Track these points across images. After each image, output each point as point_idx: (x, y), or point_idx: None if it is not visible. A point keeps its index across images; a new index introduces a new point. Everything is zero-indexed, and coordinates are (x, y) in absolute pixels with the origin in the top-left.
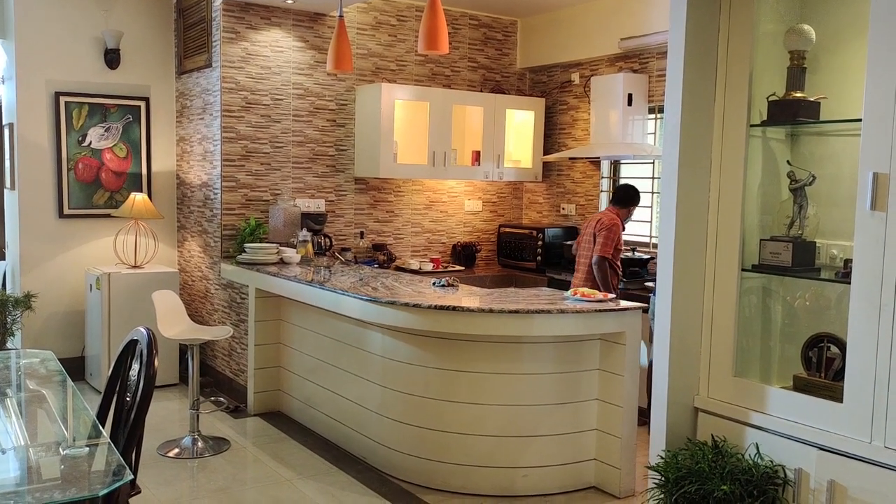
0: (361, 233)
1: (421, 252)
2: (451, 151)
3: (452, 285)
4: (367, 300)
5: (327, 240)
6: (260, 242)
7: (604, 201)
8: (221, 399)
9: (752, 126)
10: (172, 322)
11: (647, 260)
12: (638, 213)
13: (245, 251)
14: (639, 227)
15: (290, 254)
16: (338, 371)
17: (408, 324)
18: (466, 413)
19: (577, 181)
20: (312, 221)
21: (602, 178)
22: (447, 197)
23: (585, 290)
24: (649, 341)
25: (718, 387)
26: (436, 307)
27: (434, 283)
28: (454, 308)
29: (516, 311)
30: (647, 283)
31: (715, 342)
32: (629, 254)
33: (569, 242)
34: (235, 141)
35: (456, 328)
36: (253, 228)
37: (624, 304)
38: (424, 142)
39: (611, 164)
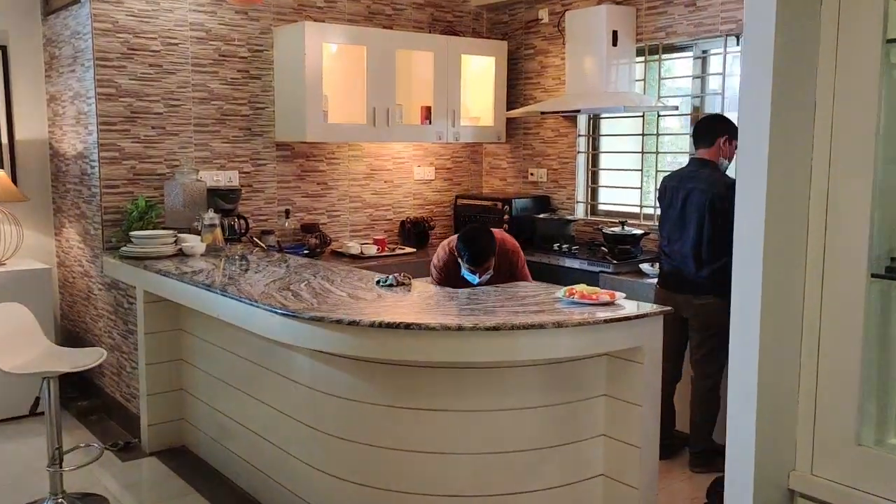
0: (287, 211)
1: (362, 232)
2: (395, 108)
3: (403, 284)
4: (284, 314)
5: (242, 222)
6: (152, 229)
7: (581, 165)
8: (94, 445)
9: (890, 42)
10: (18, 346)
11: (641, 236)
12: (625, 178)
13: (131, 241)
14: (626, 195)
15: (193, 243)
16: (255, 403)
17: (343, 348)
18: (428, 466)
19: (549, 141)
20: (222, 199)
21: (579, 135)
22: (392, 164)
23: (584, 287)
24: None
25: (829, 460)
26: (381, 325)
27: (379, 282)
28: (407, 326)
29: (495, 328)
30: (641, 266)
31: (825, 392)
32: (616, 228)
33: (542, 216)
34: (116, 98)
35: (411, 353)
36: (143, 211)
37: (639, 306)
38: (362, 96)
39: (589, 119)
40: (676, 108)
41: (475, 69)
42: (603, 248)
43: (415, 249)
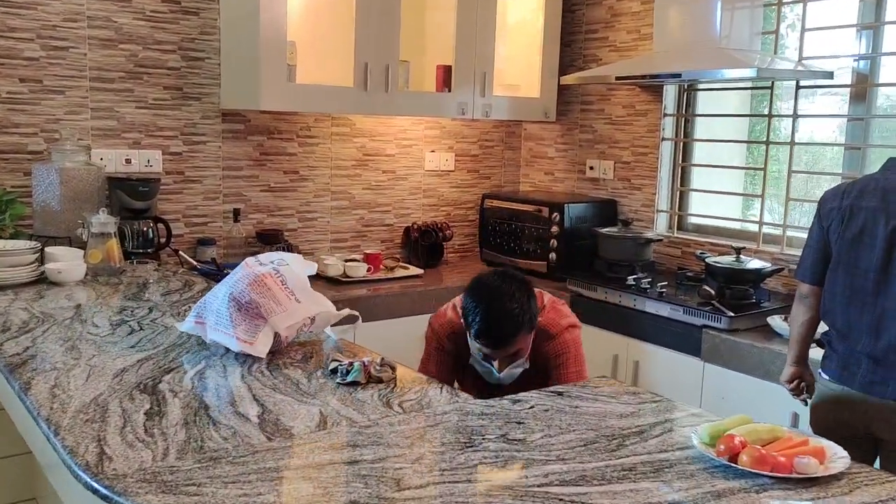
0: (236, 212)
1: (348, 243)
2: (398, 66)
3: (375, 380)
4: (89, 489)
5: (160, 228)
6: (7, 238)
7: (666, 157)
8: None
9: None
10: None
11: (770, 273)
12: (731, 180)
13: None
14: (731, 205)
15: (65, 262)
16: None
17: None
18: None
19: (619, 122)
20: (130, 194)
21: (664, 115)
22: (395, 147)
23: (755, 431)
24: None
25: None
26: None
27: (336, 374)
28: None
29: None
30: (769, 320)
31: None
32: (727, 259)
33: (608, 231)
34: None
35: None
36: None
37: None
38: (348, 47)
39: (681, 90)
40: (830, 75)
41: (516, 17)
42: (706, 286)
43: (422, 271)
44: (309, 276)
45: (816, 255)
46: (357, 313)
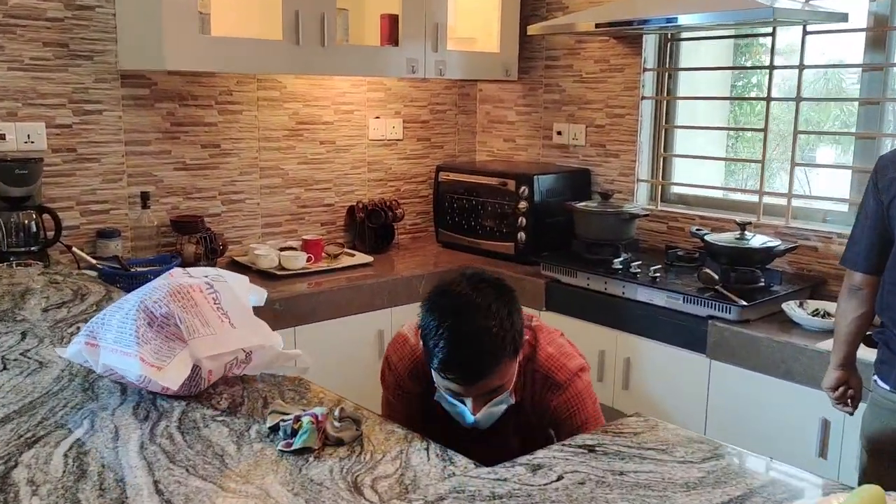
0: (144, 196)
1: (283, 228)
2: (335, 15)
3: (333, 442)
4: None
5: (46, 219)
6: None
7: (647, 119)
8: None
9: None
10: None
11: (781, 252)
12: (711, 146)
13: None
14: (713, 174)
15: None
16: None
17: None
18: None
19: (591, 79)
20: (5, 178)
21: (643, 69)
22: (333, 112)
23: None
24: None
25: None
26: None
27: (278, 436)
28: None
29: None
30: (784, 307)
31: None
32: (730, 235)
33: (585, 206)
34: None
35: None
36: None
37: None
38: None
39: (663, 40)
40: (844, 17)
41: None
42: (707, 269)
43: (371, 258)
44: (239, 266)
45: (873, 237)
46: (308, 363)
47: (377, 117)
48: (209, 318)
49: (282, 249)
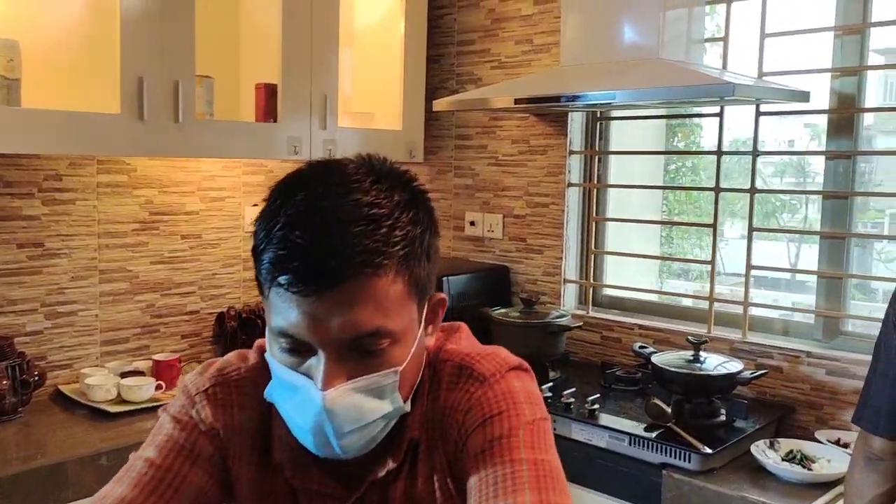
0: None
1: (129, 344)
2: (193, 84)
3: None
4: None
5: None
6: None
7: (574, 208)
8: None
9: None
10: None
11: (747, 380)
12: (643, 241)
13: None
14: (645, 276)
15: None
16: None
17: None
18: None
19: (508, 161)
20: None
21: (570, 151)
22: (199, 199)
23: None
24: None
25: None
26: None
27: None
28: None
29: None
30: (754, 449)
31: None
32: (675, 356)
33: (506, 316)
34: None
35: None
36: None
37: None
38: (110, 52)
39: (592, 119)
40: (806, 96)
41: (365, 20)
42: (655, 399)
43: None
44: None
45: None
46: None
47: (255, 205)
48: None
49: (123, 375)
